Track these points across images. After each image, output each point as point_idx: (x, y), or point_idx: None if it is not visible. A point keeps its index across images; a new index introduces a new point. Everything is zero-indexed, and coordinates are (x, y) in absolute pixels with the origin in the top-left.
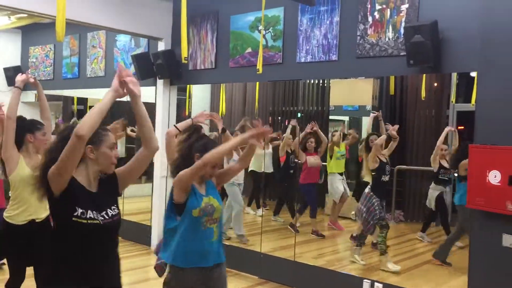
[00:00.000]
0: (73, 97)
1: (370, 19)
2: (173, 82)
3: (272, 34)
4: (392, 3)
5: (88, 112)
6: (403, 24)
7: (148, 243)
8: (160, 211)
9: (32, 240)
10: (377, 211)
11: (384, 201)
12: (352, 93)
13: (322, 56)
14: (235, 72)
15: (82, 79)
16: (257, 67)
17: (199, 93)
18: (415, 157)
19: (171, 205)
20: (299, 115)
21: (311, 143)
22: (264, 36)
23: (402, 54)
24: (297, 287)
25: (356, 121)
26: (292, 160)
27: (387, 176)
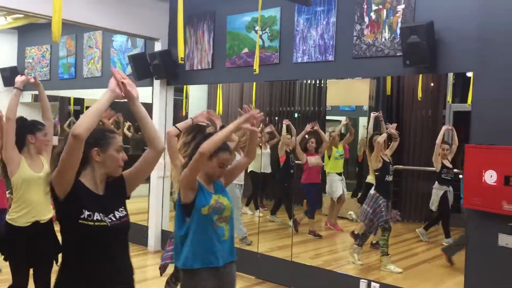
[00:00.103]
0: (70, 98)
1: (367, 20)
2: (170, 83)
3: (269, 35)
4: (388, 4)
5: (85, 112)
6: (399, 25)
7: (145, 244)
8: (157, 212)
9: (35, 242)
10: (384, 213)
11: (390, 202)
12: (349, 94)
13: (319, 57)
14: (232, 73)
15: (79, 80)
16: (254, 67)
17: (196, 94)
18: (412, 157)
19: (180, 207)
20: (296, 116)
21: (312, 143)
22: (261, 37)
23: (399, 55)
24: (294, 287)
25: (353, 121)
26: (292, 160)
27: (391, 176)
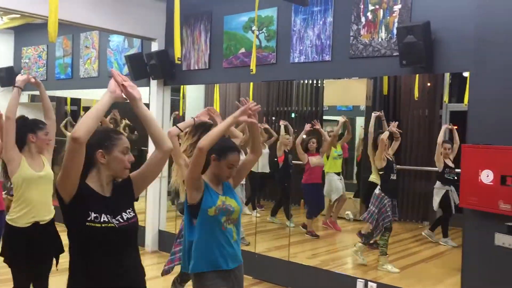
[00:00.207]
0: (67, 98)
1: (363, 20)
2: (167, 83)
3: (266, 35)
4: (385, 4)
5: (85, 114)
6: (396, 25)
7: (142, 244)
8: (154, 212)
9: (35, 243)
10: (389, 213)
11: (395, 201)
12: (346, 93)
13: (316, 57)
14: (229, 73)
15: (76, 80)
16: (251, 68)
17: (193, 94)
18: (409, 157)
19: (187, 209)
20: (293, 116)
21: (313, 144)
22: (258, 37)
23: (395, 55)
24: (292, 287)
25: (350, 121)
26: (291, 160)
27: (395, 175)
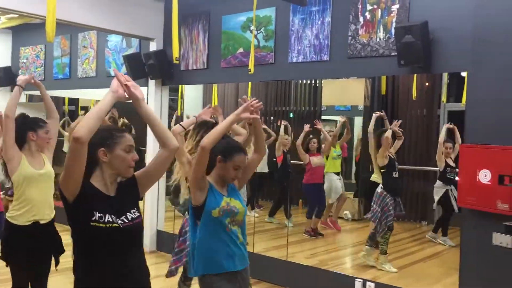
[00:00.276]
0: (64, 98)
1: (361, 20)
2: (165, 83)
3: (264, 34)
4: (383, 4)
5: (87, 114)
6: (394, 25)
7: None
8: (153, 212)
9: (35, 242)
10: (391, 211)
11: (399, 198)
12: (344, 93)
13: (314, 56)
14: (227, 72)
15: (73, 80)
16: (249, 67)
17: (191, 93)
18: (407, 156)
19: (192, 210)
20: (292, 115)
21: (314, 144)
22: (256, 36)
23: (393, 54)
24: (290, 287)
25: (349, 121)
26: (289, 160)
27: (397, 173)
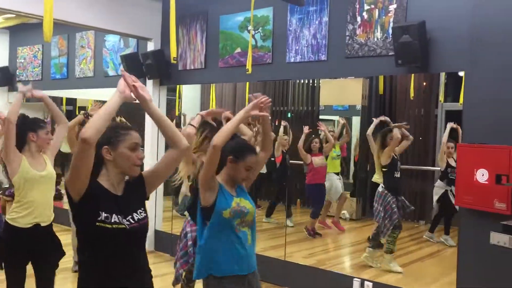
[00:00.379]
0: (62, 98)
1: (359, 19)
2: (163, 82)
3: (262, 34)
4: (381, 3)
5: (94, 115)
6: (391, 24)
7: None
8: (151, 212)
9: (36, 245)
10: (395, 209)
11: (400, 199)
12: (342, 93)
13: (311, 56)
14: (225, 72)
15: (71, 80)
16: (247, 67)
17: (189, 93)
18: (405, 156)
19: (200, 211)
20: (290, 115)
21: (316, 144)
22: (254, 36)
23: (391, 54)
24: (288, 287)
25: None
26: (288, 161)
27: (399, 173)
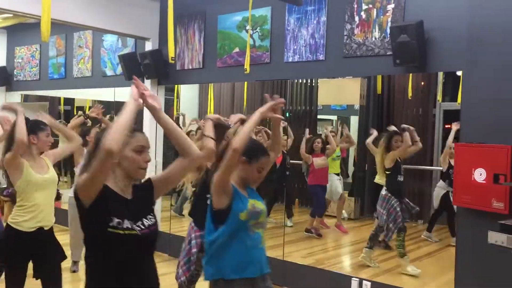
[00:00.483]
0: (60, 98)
1: (357, 19)
2: (161, 82)
3: (260, 34)
4: (379, 3)
5: (113, 125)
6: (389, 24)
7: None
8: None
9: (40, 249)
10: (399, 213)
11: (404, 202)
12: (340, 93)
13: (310, 56)
14: (223, 72)
15: (69, 80)
16: (245, 67)
17: (187, 93)
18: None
19: (212, 214)
20: (288, 115)
21: (318, 144)
22: (252, 36)
23: (389, 54)
24: (286, 286)
25: (344, 120)
26: (288, 161)
27: (402, 176)
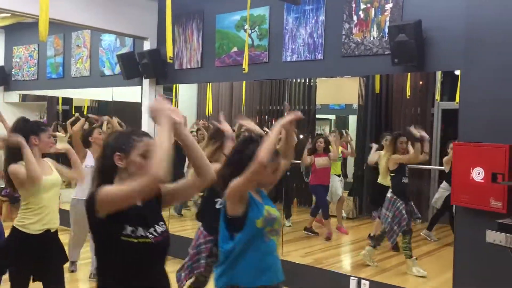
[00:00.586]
0: (58, 97)
1: (355, 18)
2: (159, 82)
3: (258, 33)
4: (377, 3)
5: (156, 153)
6: (388, 23)
7: None
8: None
9: (46, 251)
10: (405, 215)
11: (409, 204)
12: (339, 92)
13: (308, 55)
14: (221, 72)
15: (67, 79)
16: (243, 66)
17: (186, 93)
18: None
19: (227, 222)
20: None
21: (320, 143)
22: (250, 35)
23: (387, 53)
24: (285, 286)
25: (343, 120)
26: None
27: (407, 178)
